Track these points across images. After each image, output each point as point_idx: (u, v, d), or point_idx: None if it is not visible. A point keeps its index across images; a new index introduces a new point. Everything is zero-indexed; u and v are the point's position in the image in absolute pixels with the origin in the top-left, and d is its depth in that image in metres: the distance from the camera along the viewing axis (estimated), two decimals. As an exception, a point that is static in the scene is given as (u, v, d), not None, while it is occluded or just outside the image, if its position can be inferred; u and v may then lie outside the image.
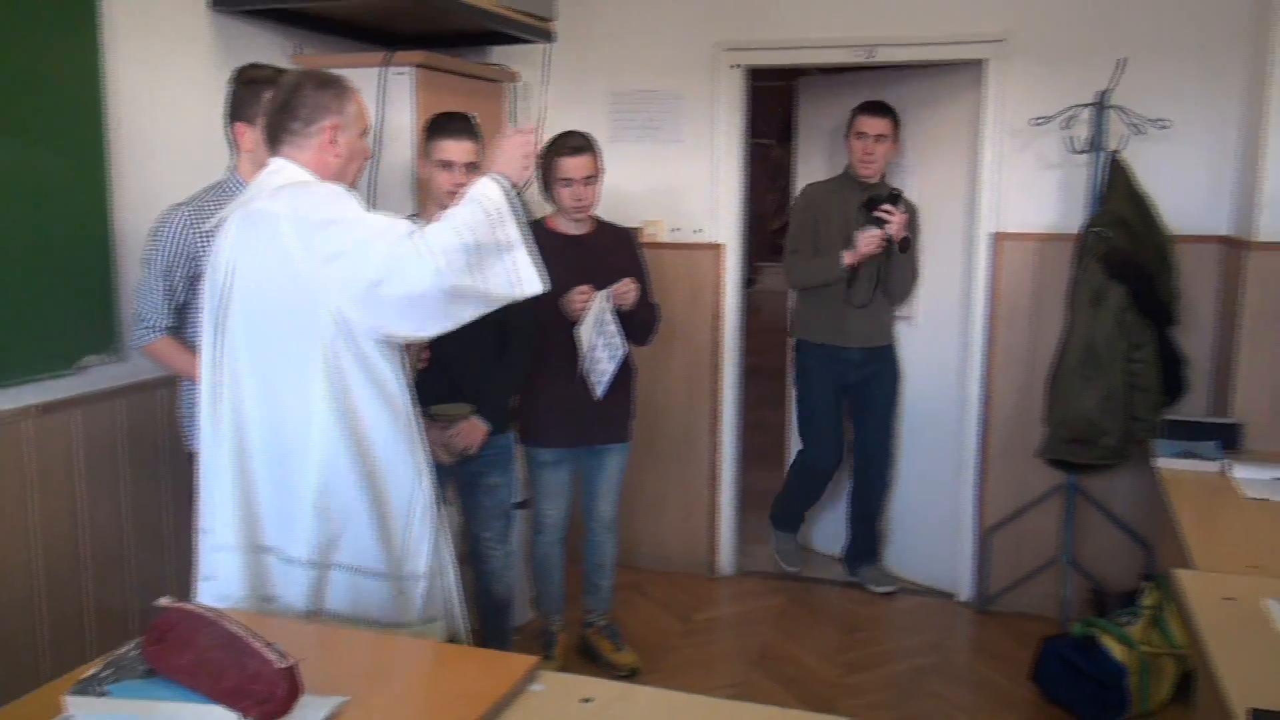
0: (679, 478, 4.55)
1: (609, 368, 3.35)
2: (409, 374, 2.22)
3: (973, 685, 3.59)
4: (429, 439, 2.95)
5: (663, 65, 4.38)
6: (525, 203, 2.17)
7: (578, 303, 3.27)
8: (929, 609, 4.21)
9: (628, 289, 3.31)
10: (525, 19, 3.69)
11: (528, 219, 2.15)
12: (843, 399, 4.29)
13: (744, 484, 4.67)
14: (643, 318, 3.47)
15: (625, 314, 3.36)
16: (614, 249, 3.51)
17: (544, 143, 3.43)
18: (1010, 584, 4.11)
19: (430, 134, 3.05)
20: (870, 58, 4.13)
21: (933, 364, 4.30)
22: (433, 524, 2.23)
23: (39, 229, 2.54)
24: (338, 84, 2.20)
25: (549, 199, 3.45)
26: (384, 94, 3.33)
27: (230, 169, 2.71)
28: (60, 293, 2.59)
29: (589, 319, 3.28)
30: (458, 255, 2.00)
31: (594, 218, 3.50)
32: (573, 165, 3.34)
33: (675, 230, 4.46)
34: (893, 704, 3.47)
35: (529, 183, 2.24)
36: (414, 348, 2.37)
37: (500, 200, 2.08)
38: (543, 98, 4.29)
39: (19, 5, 2.46)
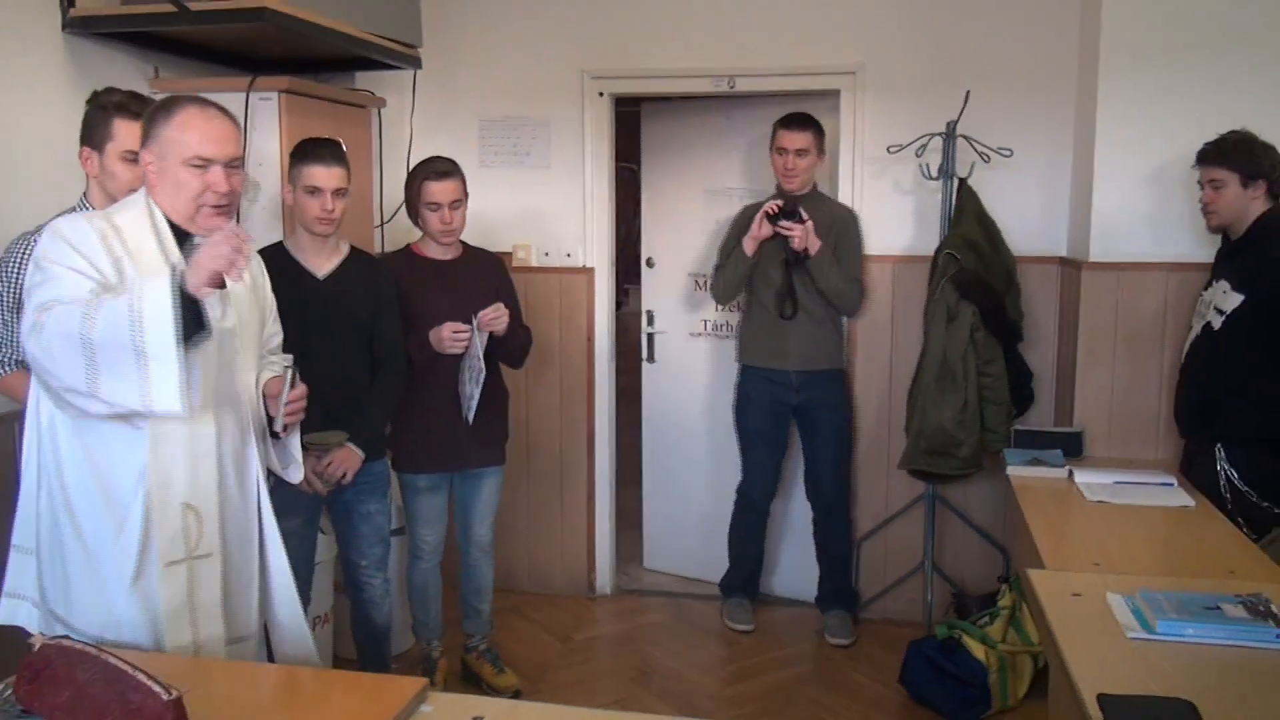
0: (555, 499, 4.58)
1: (474, 391, 3.36)
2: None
3: (847, 690, 3.72)
4: (305, 467, 2.93)
5: (531, 92, 4.43)
6: (205, 317, 1.97)
7: (448, 340, 3.27)
8: (805, 619, 4.32)
9: (497, 315, 3.33)
10: (390, 44, 3.68)
11: (194, 331, 1.93)
12: (787, 427, 4.19)
13: (619, 504, 4.72)
14: (515, 342, 3.50)
15: (497, 339, 3.38)
16: (482, 273, 3.53)
17: (410, 170, 3.46)
18: (879, 591, 4.27)
19: (297, 159, 3.02)
20: (731, 88, 4.28)
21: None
22: (154, 602, 2.04)
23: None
24: (164, 108, 2.14)
25: (416, 224, 3.46)
26: (249, 119, 3.28)
27: (81, 195, 2.63)
28: (-94, 325, 2.47)
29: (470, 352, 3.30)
30: (67, 347, 1.85)
31: (461, 243, 3.52)
32: (439, 190, 3.35)
33: (546, 255, 4.51)
34: (772, 712, 3.57)
35: (222, 290, 2.03)
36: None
37: (160, 304, 1.84)
38: (410, 123, 4.28)
39: None
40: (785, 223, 3.83)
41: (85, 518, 2.02)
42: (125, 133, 2.51)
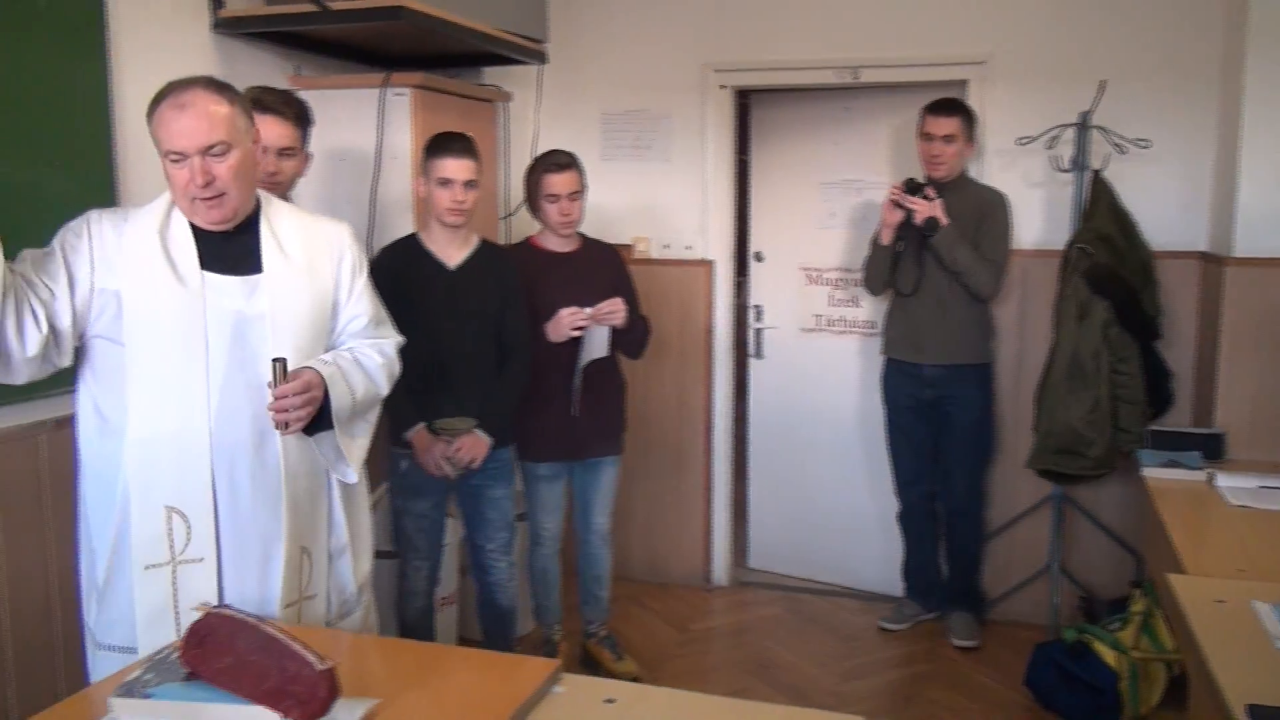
0: (672, 490, 4.61)
1: (575, 383, 3.42)
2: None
3: (969, 691, 3.65)
4: (433, 453, 3.02)
5: (653, 86, 4.46)
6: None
7: (566, 323, 3.31)
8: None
9: (613, 309, 3.36)
10: (518, 40, 3.75)
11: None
12: (927, 423, 4.04)
13: (737, 495, 4.72)
14: (634, 334, 3.53)
15: (617, 331, 3.41)
16: (600, 265, 3.57)
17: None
18: (1003, 592, 4.18)
19: (430, 153, 3.10)
20: (856, 79, 4.23)
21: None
22: (129, 604, 2.02)
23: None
24: (153, 103, 2.03)
25: (536, 216, 3.51)
26: (383, 114, 3.39)
27: None
28: (72, 310, 2.62)
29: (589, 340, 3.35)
30: None
31: (580, 235, 3.57)
32: (558, 181, 3.40)
33: (665, 247, 4.53)
34: (892, 710, 3.53)
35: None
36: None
37: None
38: (535, 117, 4.35)
39: (30, 29, 2.50)
40: (911, 199, 3.77)
41: (85, 511, 2.09)
42: (260, 127, 2.62)
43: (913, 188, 3.79)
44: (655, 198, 4.52)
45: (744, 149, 4.72)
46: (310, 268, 2.16)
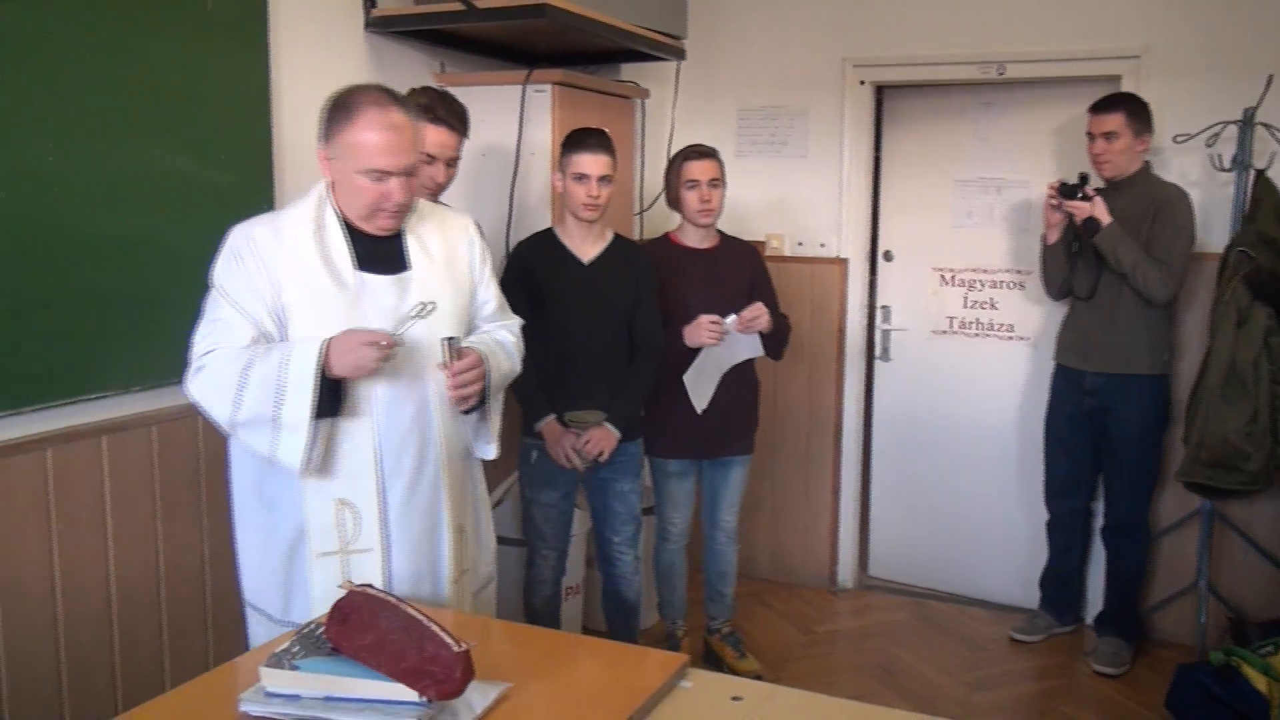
0: (800, 490, 4.58)
1: (706, 388, 3.42)
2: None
3: (1105, 710, 3.52)
4: (563, 444, 3.07)
5: (790, 81, 4.43)
6: (344, 394, 2.05)
7: (705, 331, 3.30)
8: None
9: (756, 315, 3.33)
10: (657, 37, 3.77)
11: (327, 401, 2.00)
12: (1089, 436, 3.87)
13: (866, 498, 4.66)
14: (777, 336, 3.49)
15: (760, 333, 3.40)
16: (738, 263, 3.56)
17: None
18: (1146, 609, 4.01)
19: (566, 148, 3.15)
20: (1001, 75, 4.11)
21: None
22: (305, 587, 2.11)
23: (212, 239, 2.68)
24: (345, 110, 2.06)
25: (676, 208, 3.53)
26: (524, 111, 3.45)
27: None
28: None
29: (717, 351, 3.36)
30: (217, 399, 2.01)
31: (719, 232, 3.56)
32: (698, 168, 3.41)
33: (799, 244, 4.50)
34: (1021, 725, 3.44)
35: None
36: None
37: (303, 377, 1.96)
38: (672, 114, 4.37)
39: (197, 28, 2.63)
40: (1069, 202, 3.64)
41: (251, 499, 2.17)
42: (432, 137, 2.71)
43: (1068, 190, 3.65)
44: (790, 194, 4.48)
45: (875, 144, 4.63)
46: (450, 260, 2.24)
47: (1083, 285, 3.76)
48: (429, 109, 2.70)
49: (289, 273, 2.05)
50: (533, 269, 3.14)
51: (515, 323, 2.42)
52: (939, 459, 4.51)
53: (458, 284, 2.24)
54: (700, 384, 3.43)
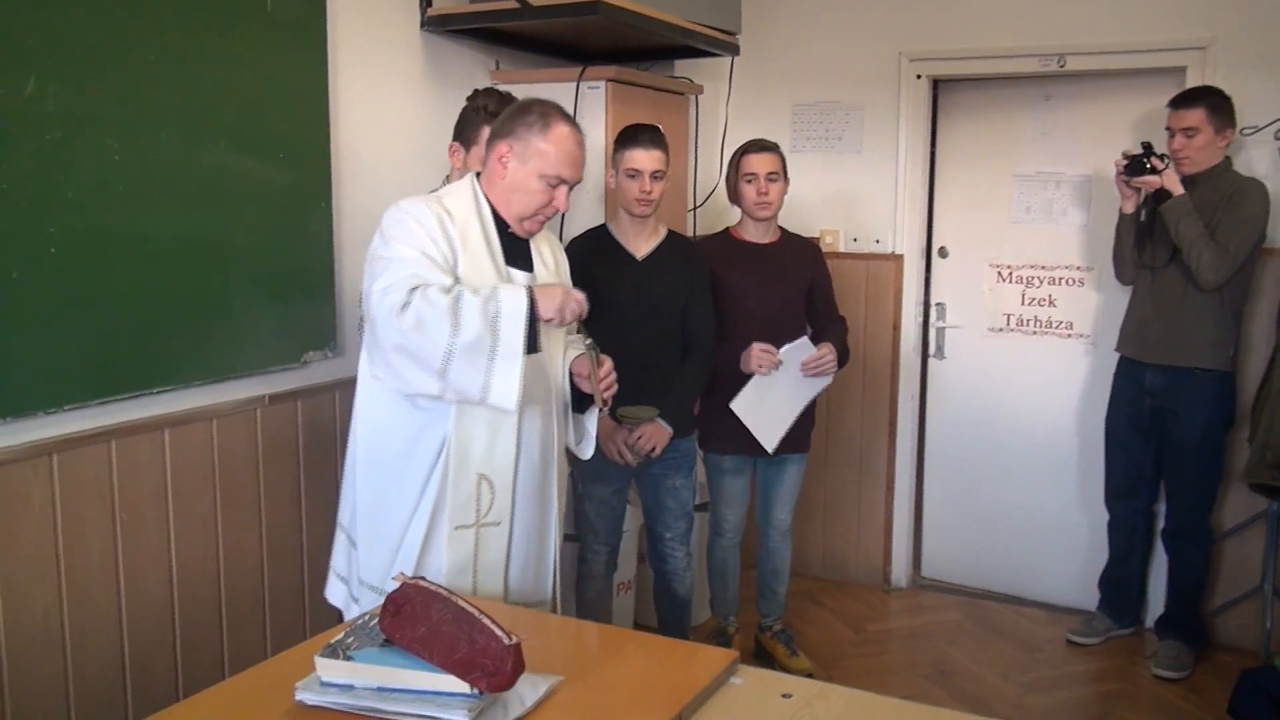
0: (854, 488, 4.55)
1: (784, 418, 3.43)
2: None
3: (1166, 715, 3.46)
4: (615, 440, 3.08)
5: (845, 76, 4.39)
6: (538, 340, 2.13)
7: (755, 359, 3.30)
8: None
9: (820, 361, 3.32)
10: (711, 32, 3.76)
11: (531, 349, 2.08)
12: (1147, 433, 3.79)
13: (920, 496, 4.61)
14: (840, 355, 3.48)
15: None
16: (797, 260, 3.55)
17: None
18: (1208, 613, 3.93)
19: (620, 144, 3.15)
20: (1062, 67, 4.04)
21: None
22: (439, 559, 2.18)
23: (272, 237, 2.76)
24: (543, 117, 2.19)
25: (736, 203, 3.52)
26: (578, 107, 3.46)
27: (444, 179, 2.87)
28: (289, 294, 2.81)
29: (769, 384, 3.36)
30: (432, 330, 1.99)
31: (780, 228, 3.55)
32: (756, 161, 3.41)
33: (854, 240, 4.46)
34: (1077, 728, 3.39)
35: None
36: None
37: (517, 310, 2.03)
38: (726, 109, 4.36)
39: (258, 29, 2.68)
40: (1136, 179, 3.58)
41: (387, 474, 2.21)
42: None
43: (1134, 166, 3.57)
44: (845, 190, 4.45)
45: (931, 139, 4.56)
46: (556, 269, 2.44)
47: (1159, 255, 3.65)
48: (494, 114, 2.71)
49: (461, 251, 2.16)
50: (587, 265, 3.15)
51: (589, 339, 2.48)
52: (995, 458, 4.45)
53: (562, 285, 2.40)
54: (761, 417, 3.42)
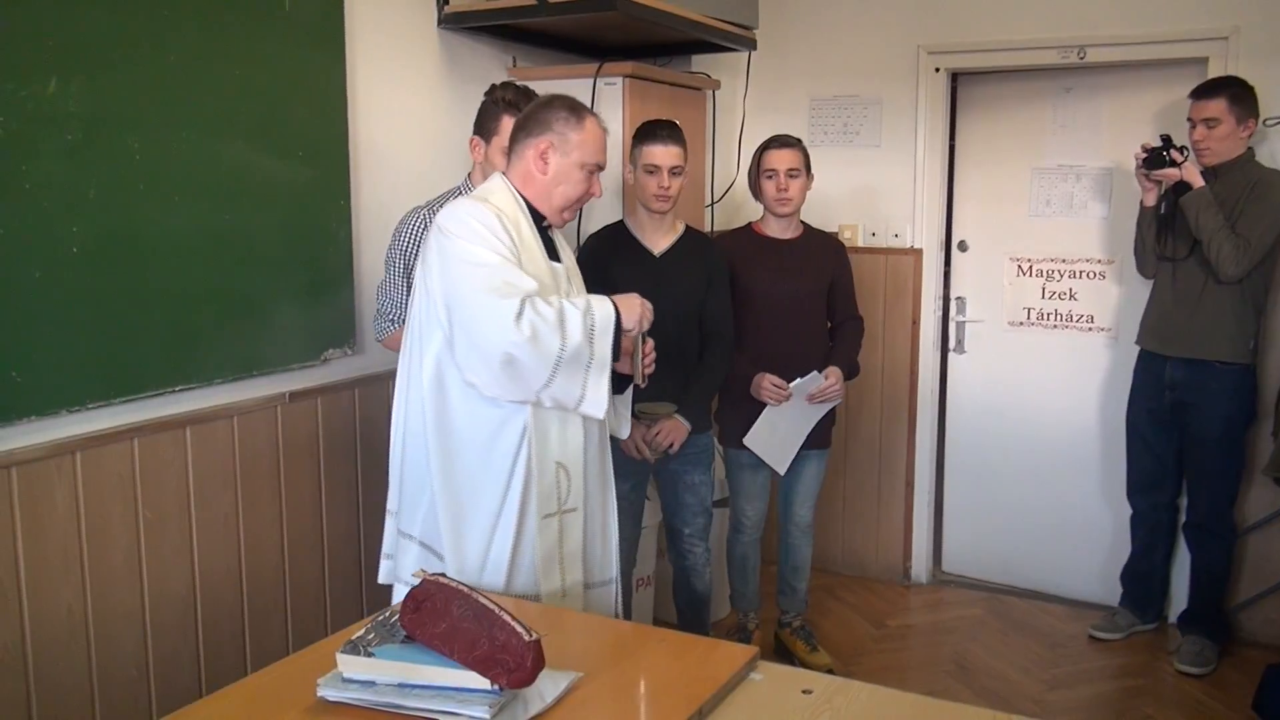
0: (873, 483, 4.53)
1: (787, 443, 3.46)
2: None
3: (1188, 711, 3.43)
4: (634, 436, 3.08)
5: (863, 69, 4.37)
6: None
7: (765, 392, 3.32)
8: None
9: (831, 384, 3.36)
10: (728, 27, 3.75)
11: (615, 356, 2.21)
12: (1168, 428, 3.76)
13: (940, 491, 4.59)
14: (853, 368, 3.53)
15: None
16: (820, 256, 3.54)
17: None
18: (1233, 608, 3.90)
19: (638, 140, 3.15)
20: (1081, 59, 4.01)
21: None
22: (532, 550, 2.24)
23: (291, 234, 2.77)
24: (573, 110, 2.28)
25: (758, 198, 3.51)
26: (595, 103, 3.46)
27: (466, 176, 2.88)
28: (308, 292, 2.82)
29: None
30: (546, 342, 2.07)
31: (803, 223, 3.54)
32: (775, 157, 3.41)
33: (873, 235, 4.45)
34: (1100, 724, 3.37)
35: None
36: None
37: (607, 321, 2.16)
38: (743, 104, 4.35)
39: (276, 28, 2.69)
40: (1156, 172, 3.55)
41: (470, 473, 2.21)
42: (509, 129, 2.72)
43: (1153, 160, 3.54)
44: (863, 184, 4.43)
45: (950, 132, 4.52)
46: (566, 254, 2.46)
47: (1179, 248, 3.61)
48: (512, 104, 2.72)
49: (520, 249, 2.20)
50: (605, 261, 3.15)
51: None
52: (1015, 452, 4.42)
53: (578, 277, 2.50)
54: (773, 445, 3.43)
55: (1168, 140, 3.54)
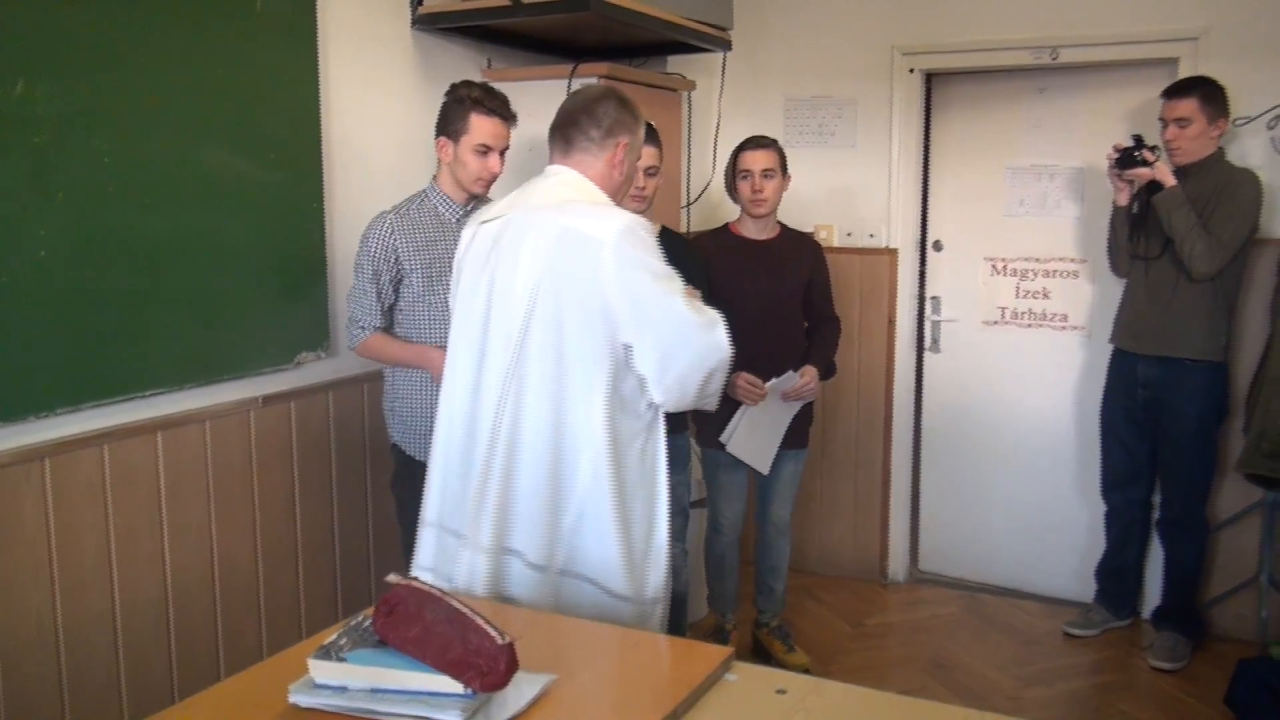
0: (849, 482, 4.54)
1: (762, 445, 3.46)
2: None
3: (1162, 706, 3.46)
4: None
5: (838, 71, 4.39)
6: None
7: (740, 390, 3.30)
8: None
9: (805, 385, 3.38)
10: (704, 28, 3.76)
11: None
12: (1140, 425, 3.79)
13: (917, 490, 4.61)
14: (830, 367, 3.55)
15: None
16: (797, 256, 3.55)
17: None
18: (1205, 604, 3.93)
19: (615, 142, 3.14)
20: (1054, 60, 4.04)
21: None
22: (667, 552, 2.24)
23: (264, 238, 2.76)
24: (635, 108, 2.25)
25: (734, 199, 3.52)
26: (570, 104, 3.45)
27: (431, 178, 2.85)
28: (281, 295, 2.80)
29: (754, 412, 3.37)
30: (721, 340, 2.14)
31: (780, 224, 3.55)
32: (751, 158, 3.42)
33: (848, 235, 4.46)
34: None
35: None
36: None
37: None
38: (718, 105, 4.35)
39: (248, 29, 2.67)
40: (1129, 171, 3.59)
41: (629, 490, 2.15)
42: (478, 127, 2.69)
43: (1125, 160, 3.57)
44: (839, 184, 4.45)
45: (925, 132, 4.54)
46: None
47: (1152, 246, 3.64)
48: (478, 101, 2.70)
49: None
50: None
51: None
52: (991, 451, 4.45)
53: None
54: (753, 446, 3.43)
55: (1139, 140, 3.57)
